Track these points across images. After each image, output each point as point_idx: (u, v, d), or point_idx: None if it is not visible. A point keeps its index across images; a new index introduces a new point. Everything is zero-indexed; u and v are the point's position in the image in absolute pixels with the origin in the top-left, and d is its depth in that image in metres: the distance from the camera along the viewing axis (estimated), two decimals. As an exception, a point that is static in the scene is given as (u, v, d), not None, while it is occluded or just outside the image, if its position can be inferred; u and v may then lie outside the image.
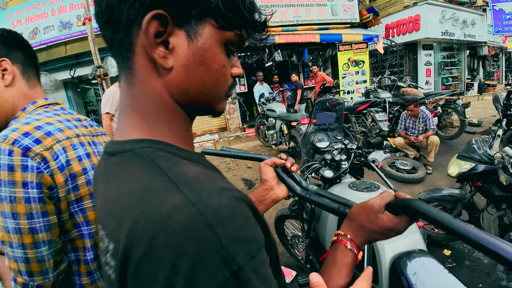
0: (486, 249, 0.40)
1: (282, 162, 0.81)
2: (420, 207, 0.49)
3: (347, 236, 0.58)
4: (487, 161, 2.25)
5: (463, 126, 5.80)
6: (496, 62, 15.19)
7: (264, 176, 0.81)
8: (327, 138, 1.79)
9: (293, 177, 0.82)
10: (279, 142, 5.13)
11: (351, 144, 1.52)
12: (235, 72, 0.48)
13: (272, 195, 0.80)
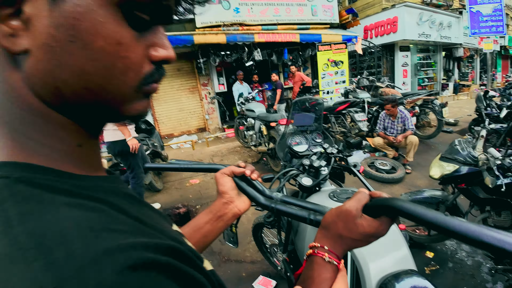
0: (473, 239, 0.38)
1: (241, 171, 0.71)
2: (400, 205, 0.45)
3: (324, 247, 0.50)
4: (471, 162, 2.18)
5: (441, 126, 5.89)
6: (470, 63, 15.79)
7: (222, 187, 0.71)
8: (305, 141, 1.64)
9: (255, 186, 0.73)
10: (258, 143, 4.97)
11: (331, 148, 1.37)
12: (155, 54, 0.34)
13: (233, 209, 0.70)
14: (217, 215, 0.69)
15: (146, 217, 0.34)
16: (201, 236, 0.67)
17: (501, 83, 15.29)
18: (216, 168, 0.77)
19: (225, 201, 0.70)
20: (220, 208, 0.70)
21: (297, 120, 1.67)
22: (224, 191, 0.70)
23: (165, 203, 4.15)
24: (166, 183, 4.82)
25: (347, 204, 0.50)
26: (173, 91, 8.26)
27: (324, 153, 1.39)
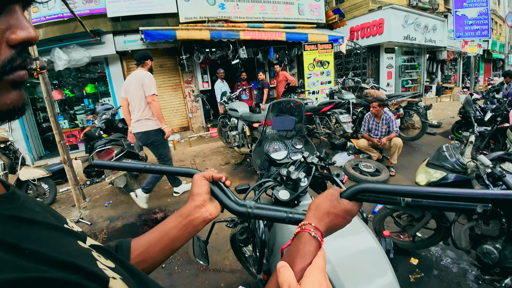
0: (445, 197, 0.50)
1: (219, 176, 0.74)
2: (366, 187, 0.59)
3: (311, 224, 0.57)
4: (460, 170, 2.08)
5: (425, 128, 5.90)
6: (453, 66, 16.14)
7: (198, 189, 0.71)
8: (284, 147, 1.48)
9: (227, 194, 0.74)
10: (241, 144, 4.80)
11: (312, 157, 1.22)
12: (13, 37, 0.33)
13: (204, 213, 0.70)
14: (188, 218, 0.67)
15: (32, 242, 0.33)
16: (169, 242, 0.66)
17: (483, 86, 15.73)
18: (190, 173, 0.76)
19: (197, 204, 0.69)
20: (190, 212, 0.68)
21: (276, 123, 1.51)
22: (199, 193, 0.70)
23: (141, 208, 3.91)
24: (143, 186, 4.58)
25: (329, 190, 0.64)
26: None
27: (304, 162, 1.23)
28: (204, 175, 0.72)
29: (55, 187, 4.61)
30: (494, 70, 19.85)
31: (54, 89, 7.51)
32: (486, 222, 2.23)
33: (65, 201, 4.64)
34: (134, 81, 3.57)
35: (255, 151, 1.53)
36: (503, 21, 16.74)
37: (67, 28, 6.68)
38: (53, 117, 3.96)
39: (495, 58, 18.46)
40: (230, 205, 0.71)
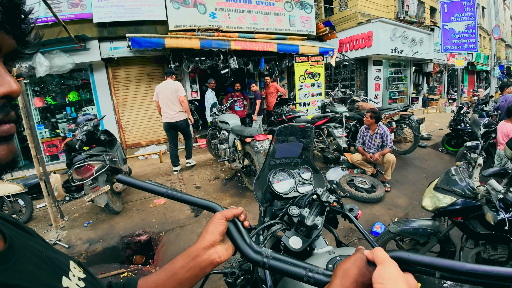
0: None
1: (240, 212, 0.69)
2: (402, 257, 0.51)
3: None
4: (470, 195, 1.94)
5: (417, 141, 5.87)
6: (439, 78, 16.56)
7: (213, 227, 0.65)
8: (290, 177, 1.29)
9: (243, 235, 0.67)
10: (232, 159, 4.58)
11: (327, 194, 1.03)
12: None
13: (212, 255, 0.64)
14: (195, 260, 0.63)
15: None
16: (176, 283, 0.62)
17: (468, 97, 16.16)
18: (213, 208, 0.71)
19: (206, 244, 0.64)
20: (198, 252, 0.64)
21: (280, 151, 1.32)
22: (213, 232, 0.65)
23: (124, 228, 3.61)
24: (126, 204, 4.26)
25: (358, 253, 0.52)
26: (141, 97, 7.67)
27: (317, 200, 1.04)
28: (226, 215, 0.67)
29: (31, 204, 4.26)
30: (478, 81, 20.53)
31: (36, 96, 7.12)
32: (494, 247, 2.11)
33: (42, 219, 4.28)
34: (169, 87, 5.19)
35: (256, 182, 1.33)
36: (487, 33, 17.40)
37: (51, 33, 6.37)
38: (29, 129, 3.65)
39: (479, 69, 19.12)
40: (245, 250, 0.64)
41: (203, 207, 0.72)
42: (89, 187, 3.50)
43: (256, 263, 0.62)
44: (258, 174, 1.33)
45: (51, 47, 6.20)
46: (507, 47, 25.11)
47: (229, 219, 0.67)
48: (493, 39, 10.95)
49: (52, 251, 0.50)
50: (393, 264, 0.48)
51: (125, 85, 7.46)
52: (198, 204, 0.72)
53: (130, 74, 7.47)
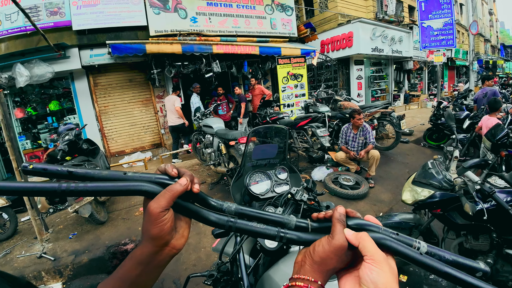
0: None
1: (184, 188, 0.50)
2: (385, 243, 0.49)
3: (317, 282, 0.47)
4: (447, 187, 2.02)
5: (399, 137, 6.03)
6: (419, 74, 17.04)
7: (158, 230, 0.48)
8: (266, 178, 1.32)
9: (198, 201, 0.54)
10: (217, 163, 4.59)
11: (301, 193, 1.07)
12: None
13: (170, 252, 0.52)
14: (150, 265, 0.51)
15: None
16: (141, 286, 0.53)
17: (449, 92, 16.70)
18: (143, 190, 0.49)
19: (157, 249, 0.50)
20: (154, 259, 0.51)
21: (256, 153, 1.35)
22: (161, 235, 0.49)
23: (110, 238, 3.56)
24: (111, 213, 4.20)
25: (339, 239, 0.48)
26: (124, 104, 7.58)
27: (292, 199, 1.08)
28: (162, 204, 0.47)
29: (15, 217, 4.14)
30: (458, 76, 21.23)
31: (16, 107, 6.92)
32: (476, 237, 2.19)
33: (27, 232, 4.16)
34: (170, 100, 6.76)
35: (234, 185, 1.35)
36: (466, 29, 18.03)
37: (30, 42, 6.23)
38: (9, 142, 3.56)
39: (458, 65, 19.77)
40: (208, 219, 0.53)
41: (134, 192, 0.50)
42: (72, 198, 3.44)
43: (221, 226, 0.54)
44: (235, 176, 1.36)
45: (30, 56, 6.07)
46: (486, 41, 26.09)
47: (170, 203, 0.49)
48: (471, 35, 11.37)
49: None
50: (386, 265, 0.44)
51: (107, 92, 7.36)
52: (123, 191, 0.50)
53: (112, 81, 7.37)
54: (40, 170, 0.48)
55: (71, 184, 0.47)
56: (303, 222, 0.55)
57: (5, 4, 6.07)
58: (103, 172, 0.51)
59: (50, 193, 0.48)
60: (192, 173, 0.54)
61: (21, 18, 6.01)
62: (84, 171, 0.51)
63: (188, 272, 2.97)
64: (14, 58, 6.01)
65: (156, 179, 0.51)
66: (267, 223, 0.54)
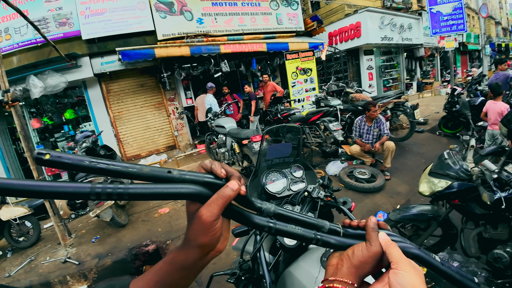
0: None
1: (236, 193, 0.47)
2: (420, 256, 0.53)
3: (354, 285, 0.48)
4: (464, 177, 1.98)
5: (413, 127, 5.90)
6: (431, 61, 16.56)
7: (209, 238, 0.47)
8: (282, 176, 1.34)
9: (241, 210, 0.51)
10: (231, 162, 4.63)
11: (317, 191, 1.08)
12: None
13: (214, 255, 0.51)
14: (196, 269, 0.52)
15: None
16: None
17: (462, 78, 16.19)
18: (195, 194, 0.45)
19: (202, 255, 0.49)
20: (197, 263, 0.50)
21: (270, 152, 1.37)
22: (211, 244, 0.48)
23: (131, 240, 3.67)
24: (131, 216, 4.32)
25: (377, 245, 0.51)
26: (137, 108, 7.72)
27: (309, 197, 1.09)
28: (220, 210, 0.46)
29: (38, 225, 4.32)
30: (471, 61, 20.51)
31: (32, 118, 7.17)
32: (495, 226, 2.15)
33: (50, 239, 4.33)
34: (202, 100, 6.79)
35: (251, 184, 1.37)
36: (476, 13, 17.40)
37: (42, 53, 6.42)
38: (29, 152, 3.70)
39: (470, 49, 19.11)
40: (252, 220, 0.51)
41: (183, 197, 0.46)
42: (93, 203, 3.55)
43: (262, 229, 0.53)
44: (252, 176, 1.38)
45: (43, 67, 6.26)
46: (497, 24, 25.11)
47: (222, 209, 0.47)
48: (481, 18, 10.99)
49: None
50: (411, 268, 0.46)
51: (120, 98, 7.51)
52: (170, 195, 0.45)
53: (124, 87, 7.52)
54: (61, 161, 0.39)
55: (107, 186, 0.40)
56: (336, 227, 0.57)
57: (13, 18, 6.23)
58: (144, 169, 0.44)
59: (82, 195, 0.40)
60: (239, 173, 0.51)
61: (31, 30, 6.17)
62: (122, 166, 0.43)
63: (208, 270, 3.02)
64: (27, 70, 6.20)
65: (205, 180, 0.47)
66: (303, 225, 0.55)
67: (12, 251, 4.15)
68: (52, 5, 6.45)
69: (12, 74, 5.92)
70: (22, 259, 3.84)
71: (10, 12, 5.92)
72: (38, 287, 3.25)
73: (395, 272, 0.46)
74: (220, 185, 0.47)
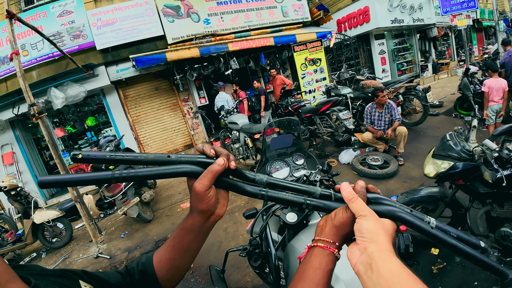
0: None
1: (223, 167, 0.57)
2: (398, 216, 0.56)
3: (335, 243, 0.57)
4: (467, 157, 2.05)
5: (427, 111, 5.85)
6: (446, 41, 15.94)
7: (205, 205, 0.59)
8: (285, 165, 1.49)
9: (235, 174, 0.62)
10: (246, 156, 4.81)
11: (314, 174, 1.22)
12: None
13: (215, 219, 0.63)
14: (201, 232, 0.64)
15: None
16: (191, 254, 0.67)
17: (479, 56, 15.52)
18: (188, 172, 0.57)
19: (205, 219, 0.61)
20: (202, 227, 0.62)
21: (274, 143, 1.52)
22: (208, 209, 0.59)
23: (157, 234, 3.95)
24: (156, 212, 4.61)
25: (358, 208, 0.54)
26: (154, 111, 8.04)
27: (307, 181, 1.23)
28: (205, 183, 0.56)
29: (70, 225, 4.67)
30: (487, 38, 19.58)
31: (56, 127, 7.63)
32: (501, 204, 2.20)
33: (82, 238, 4.69)
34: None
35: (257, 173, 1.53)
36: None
37: (59, 66, 6.80)
38: (58, 159, 4.03)
39: (485, 26, 18.24)
40: (245, 190, 0.60)
41: (179, 174, 0.58)
42: (121, 201, 3.84)
43: (254, 196, 0.61)
44: (258, 166, 1.54)
45: (62, 79, 6.62)
46: (510, -2, 23.71)
47: (212, 181, 0.57)
48: (494, -8, 10.51)
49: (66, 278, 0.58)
50: (370, 215, 0.52)
51: (137, 103, 7.85)
52: (169, 174, 0.57)
53: (140, 91, 7.84)
54: (90, 157, 0.54)
55: (123, 171, 0.54)
56: (327, 192, 0.62)
57: (28, 35, 6.53)
58: (149, 156, 0.57)
59: (105, 180, 0.53)
60: (227, 151, 0.61)
61: (47, 45, 6.50)
62: (132, 156, 0.57)
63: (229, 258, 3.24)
64: (47, 83, 6.56)
65: (197, 160, 0.58)
66: (295, 192, 0.61)
67: (46, 251, 4.52)
68: (64, 19, 6.79)
69: (33, 87, 6.28)
70: (57, 258, 4.20)
71: (25, 29, 6.18)
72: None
73: (356, 221, 0.52)
74: (210, 162, 0.58)
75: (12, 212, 5.87)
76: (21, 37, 6.52)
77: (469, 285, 2.36)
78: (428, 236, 0.55)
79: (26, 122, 7.62)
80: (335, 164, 5.13)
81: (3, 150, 7.13)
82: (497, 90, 4.66)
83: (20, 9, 6.95)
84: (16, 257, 4.57)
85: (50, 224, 4.42)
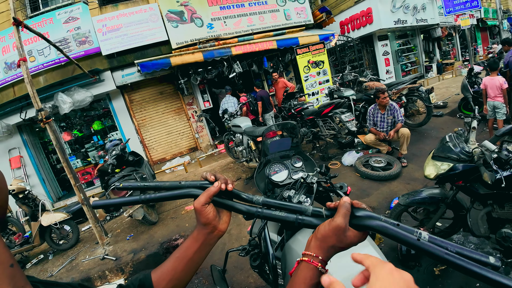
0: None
1: (217, 189, 0.70)
2: (379, 227, 0.58)
3: (319, 257, 0.59)
4: (466, 158, 2.07)
5: (430, 112, 5.83)
6: (450, 41, 15.84)
7: (205, 219, 0.70)
8: (284, 168, 1.53)
9: (233, 196, 0.75)
10: (249, 159, 4.85)
11: (311, 176, 1.26)
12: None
13: (218, 234, 0.73)
14: (204, 243, 0.72)
15: None
16: (194, 266, 0.73)
17: (484, 55, 15.38)
18: (191, 194, 0.72)
19: (209, 231, 0.71)
20: (206, 238, 0.71)
21: (272, 147, 1.56)
22: (208, 222, 0.70)
23: (162, 236, 4.01)
24: (161, 214, 4.68)
25: (338, 220, 0.59)
26: (159, 115, 8.14)
27: (304, 183, 1.28)
28: (202, 201, 0.68)
29: (77, 227, 4.76)
30: (492, 37, 19.40)
31: (63, 131, 7.77)
32: (501, 205, 2.20)
33: (89, 239, 4.77)
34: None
35: (258, 176, 1.58)
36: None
37: (66, 71, 6.94)
38: (65, 162, 4.12)
39: (490, 25, 18.08)
40: (241, 210, 0.72)
41: (184, 196, 0.73)
42: (126, 204, 3.90)
43: (250, 216, 0.73)
44: (257, 169, 1.58)
45: (69, 84, 6.74)
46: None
47: (208, 200, 0.69)
48: (496, -9, 10.42)
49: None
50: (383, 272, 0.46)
51: (142, 107, 7.96)
52: (177, 196, 0.73)
53: (145, 96, 7.95)
54: (126, 187, 0.78)
55: (147, 195, 0.73)
56: (317, 211, 0.67)
57: (35, 41, 6.67)
58: (166, 183, 0.75)
59: (137, 202, 0.74)
60: (225, 176, 0.74)
61: (54, 51, 6.63)
62: (154, 184, 0.77)
63: (232, 259, 3.28)
64: (54, 88, 6.69)
65: (200, 185, 0.73)
66: (288, 211, 0.69)
67: (53, 253, 4.61)
68: (70, 26, 6.93)
69: (40, 93, 6.42)
70: (63, 259, 4.28)
71: (31, 36, 6.27)
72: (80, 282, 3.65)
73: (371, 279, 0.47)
74: (209, 186, 0.71)
75: (20, 215, 5.99)
76: (28, 43, 6.67)
77: (471, 286, 2.37)
78: (414, 249, 0.53)
79: (34, 127, 7.77)
80: (338, 166, 5.15)
81: (10, 154, 7.28)
82: (491, 87, 4.94)
83: (27, 16, 7.11)
84: (24, 259, 4.66)
85: (57, 227, 4.51)
